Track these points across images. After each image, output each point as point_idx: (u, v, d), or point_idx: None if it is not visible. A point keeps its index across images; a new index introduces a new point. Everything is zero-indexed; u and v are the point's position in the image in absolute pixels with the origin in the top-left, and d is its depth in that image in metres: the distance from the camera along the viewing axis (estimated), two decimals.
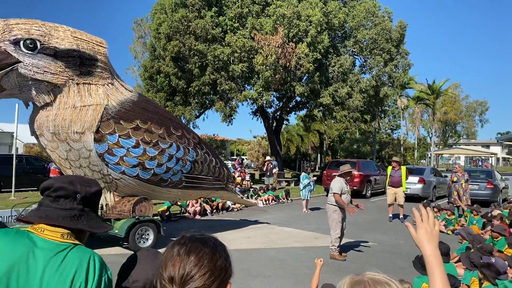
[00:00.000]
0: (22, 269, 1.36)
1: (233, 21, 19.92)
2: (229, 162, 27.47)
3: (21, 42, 5.87)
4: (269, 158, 20.94)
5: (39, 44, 5.98)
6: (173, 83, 20.13)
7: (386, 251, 7.94)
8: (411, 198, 15.18)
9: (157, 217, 10.09)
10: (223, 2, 20.21)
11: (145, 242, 7.38)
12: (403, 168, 11.72)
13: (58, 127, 6.42)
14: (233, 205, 12.88)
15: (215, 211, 12.27)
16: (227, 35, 19.34)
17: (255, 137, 36.45)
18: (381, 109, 26.66)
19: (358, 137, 40.34)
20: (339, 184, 7.19)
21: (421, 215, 1.42)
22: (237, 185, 14.65)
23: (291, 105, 24.37)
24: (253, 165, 34.28)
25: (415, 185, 16.16)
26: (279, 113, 24.70)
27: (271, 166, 19.87)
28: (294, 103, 24.32)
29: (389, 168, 11.93)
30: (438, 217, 10.51)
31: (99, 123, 6.58)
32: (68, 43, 6.29)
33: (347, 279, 1.19)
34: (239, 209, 13.10)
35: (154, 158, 7.15)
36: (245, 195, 14.07)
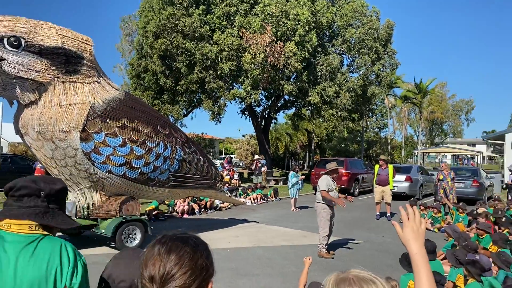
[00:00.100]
0: None
1: (221, 19, 19.84)
2: (218, 161, 27.39)
3: (5, 39, 5.77)
4: (257, 156, 20.95)
5: (23, 41, 5.89)
6: (161, 82, 19.99)
7: (373, 249, 8.00)
8: (398, 196, 15.30)
9: (145, 216, 10.02)
10: (211, 0, 20.13)
11: (132, 241, 7.32)
12: (390, 166, 11.82)
13: (43, 126, 6.33)
14: (221, 204, 12.84)
15: (203, 210, 12.22)
16: (215, 34, 19.25)
17: (243, 135, 36.50)
18: (369, 108, 26.87)
19: (346, 136, 40.62)
20: (326, 181, 7.26)
21: (407, 213, 1.43)
22: (226, 184, 14.61)
23: (280, 104, 24.37)
24: (241, 164, 34.24)
25: (402, 184, 16.30)
26: (267, 112, 24.68)
27: (260, 164, 19.87)
28: (282, 102, 24.33)
29: (377, 166, 12.03)
30: (424, 215, 10.62)
31: (85, 121, 6.51)
32: (53, 40, 6.20)
33: (332, 277, 1.19)
34: (227, 208, 13.07)
35: (141, 157, 7.10)
36: (234, 194, 14.06)
